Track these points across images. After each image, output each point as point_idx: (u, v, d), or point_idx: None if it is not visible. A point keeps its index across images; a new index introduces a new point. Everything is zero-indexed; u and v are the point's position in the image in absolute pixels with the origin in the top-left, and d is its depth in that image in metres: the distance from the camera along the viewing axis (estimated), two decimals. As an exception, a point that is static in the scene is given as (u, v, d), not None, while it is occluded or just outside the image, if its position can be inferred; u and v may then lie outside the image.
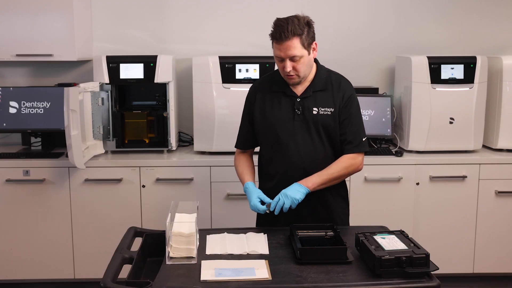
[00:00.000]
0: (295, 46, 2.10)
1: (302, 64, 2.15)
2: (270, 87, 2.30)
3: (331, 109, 2.22)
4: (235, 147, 2.45)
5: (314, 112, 2.22)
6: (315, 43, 2.19)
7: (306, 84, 2.24)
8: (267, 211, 2.16)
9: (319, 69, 2.27)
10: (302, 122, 2.22)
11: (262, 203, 2.18)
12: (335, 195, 2.32)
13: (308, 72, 2.21)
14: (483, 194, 3.38)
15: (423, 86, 3.37)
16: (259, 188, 2.34)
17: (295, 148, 2.22)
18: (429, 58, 3.38)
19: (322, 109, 2.22)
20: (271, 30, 2.14)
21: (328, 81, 2.26)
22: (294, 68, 2.15)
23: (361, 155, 2.28)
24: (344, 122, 2.25)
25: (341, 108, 2.23)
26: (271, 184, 2.30)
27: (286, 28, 2.08)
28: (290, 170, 2.23)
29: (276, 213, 2.14)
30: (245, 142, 2.41)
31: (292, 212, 2.22)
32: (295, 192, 2.12)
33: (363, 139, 2.27)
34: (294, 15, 2.15)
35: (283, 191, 2.14)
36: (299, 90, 2.25)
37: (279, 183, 2.25)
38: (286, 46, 2.10)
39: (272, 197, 2.20)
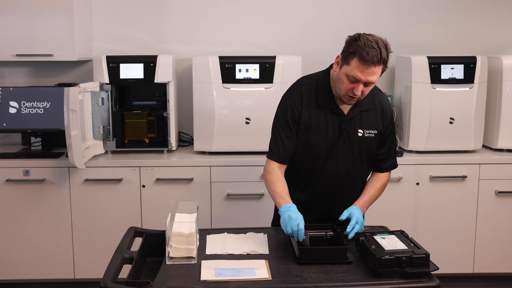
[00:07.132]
0: (377, 73, 1.98)
1: (370, 90, 2.06)
2: (317, 102, 2.15)
3: (374, 131, 2.18)
4: (275, 161, 2.18)
5: (359, 134, 2.16)
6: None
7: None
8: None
9: None
10: (346, 142, 2.16)
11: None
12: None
13: None
14: (483, 194, 3.38)
15: (423, 86, 3.37)
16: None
17: (334, 167, 2.19)
18: (429, 58, 3.37)
19: (367, 131, 2.17)
20: (357, 48, 1.94)
21: (372, 100, 2.18)
22: (361, 92, 2.03)
23: None
24: (386, 141, 2.25)
25: (384, 129, 2.21)
26: (302, 197, 2.24)
27: (380, 53, 1.92)
28: (326, 187, 2.22)
29: (349, 237, 2.07)
30: (287, 157, 2.19)
31: (324, 212, 2.25)
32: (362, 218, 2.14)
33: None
34: (377, 36, 1.98)
35: (358, 217, 2.10)
36: (346, 108, 2.15)
37: (312, 199, 2.24)
38: (371, 71, 1.96)
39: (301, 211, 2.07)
